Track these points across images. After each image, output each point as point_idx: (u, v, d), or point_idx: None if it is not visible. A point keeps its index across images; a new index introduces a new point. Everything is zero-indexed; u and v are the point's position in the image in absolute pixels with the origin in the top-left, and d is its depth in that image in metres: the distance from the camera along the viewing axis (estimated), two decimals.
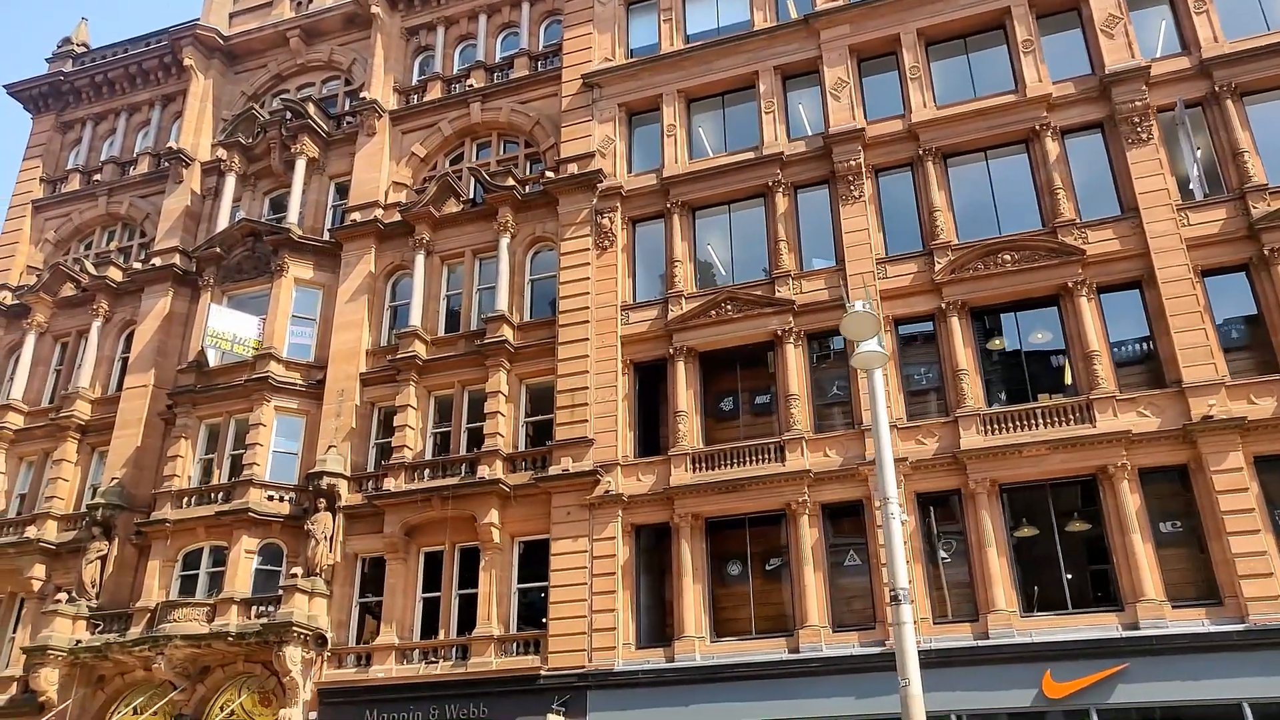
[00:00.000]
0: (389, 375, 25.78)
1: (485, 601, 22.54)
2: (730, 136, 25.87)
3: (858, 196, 23.33)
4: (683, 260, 24.49)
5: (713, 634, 21.04)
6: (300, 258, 27.89)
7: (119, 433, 27.84)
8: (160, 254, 30.05)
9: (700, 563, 21.53)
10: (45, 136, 34.46)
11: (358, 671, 22.87)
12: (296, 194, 29.09)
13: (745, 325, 23.14)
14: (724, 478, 21.67)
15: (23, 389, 29.80)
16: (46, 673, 24.10)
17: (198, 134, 31.89)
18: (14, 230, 32.99)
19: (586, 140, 26.53)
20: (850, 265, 22.74)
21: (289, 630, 22.47)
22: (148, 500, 26.87)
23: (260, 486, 25.04)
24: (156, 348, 28.79)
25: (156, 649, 23.36)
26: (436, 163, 29.13)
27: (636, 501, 22.35)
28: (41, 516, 27.23)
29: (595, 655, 21.11)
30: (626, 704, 20.48)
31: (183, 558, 25.41)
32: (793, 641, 20.15)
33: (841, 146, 23.70)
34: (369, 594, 24.31)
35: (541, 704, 20.98)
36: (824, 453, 21.46)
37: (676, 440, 22.55)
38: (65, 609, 24.72)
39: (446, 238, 27.11)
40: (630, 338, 24.11)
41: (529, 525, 23.19)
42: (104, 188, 32.65)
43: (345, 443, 25.33)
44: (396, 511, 23.71)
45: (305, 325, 27.66)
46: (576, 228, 25.48)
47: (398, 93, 30.01)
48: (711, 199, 25.00)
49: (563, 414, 23.58)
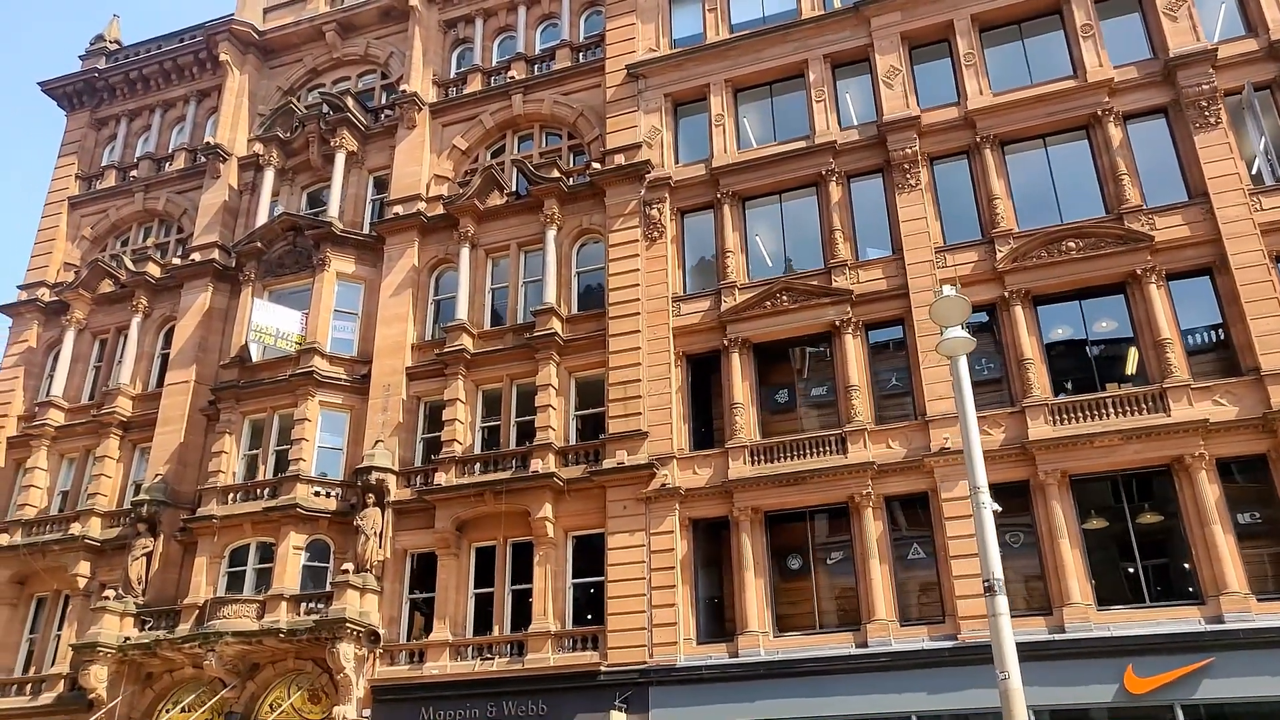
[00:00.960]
0: (435, 369, 25.51)
1: (540, 597, 22.24)
2: (779, 126, 25.54)
3: (914, 185, 22.98)
4: (734, 251, 24.18)
5: (775, 629, 20.71)
6: (342, 252, 27.64)
7: (161, 429, 27.63)
8: (199, 249, 29.83)
9: (761, 557, 21.21)
10: (80, 134, 34.27)
11: (411, 668, 22.59)
12: (337, 188, 28.83)
13: (802, 316, 22.81)
14: (784, 470, 21.35)
15: (63, 386, 29.61)
16: (96, 670, 23.88)
17: (234, 129, 31.67)
18: (51, 227, 32.79)
19: (632, 131, 26.22)
20: (909, 254, 22.41)
21: (342, 627, 22.20)
22: (191, 497, 26.67)
23: (307, 482, 24.79)
24: (197, 343, 28.57)
25: (207, 646, 23.11)
26: (478, 155, 28.86)
27: (694, 495, 22.04)
28: (85, 513, 27.01)
29: (656, 651, 20.80)
30: (689, 700, 20.16)
31: (229, 554, 25.17)
32: (859, 636, 19.82)
33: (896, 135, 23.36)
34: (418, 590, 24.05)
35: (601, 700, 20.68)
36: (887, 444, 21.13)
37: (734, 432, 22.23)
38: (113, 606, 24.50)
39: (491, 230, 26.83)
40: (682, 329, 23.79)
41: (582, 520, 22.89)
42: (140, 184, 32.43)
43: (392, 438, 25.06)
44: (448, 506, 23.43)
45: (347, 320, 27.40)
46: (625, 219, 25.18)
47: (437, 85, 29.75)
48: (762, 189, 24.67)
49: (615, 407, 23.28)
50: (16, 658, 26.82)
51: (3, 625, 26.89)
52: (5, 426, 29.82)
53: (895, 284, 22.39)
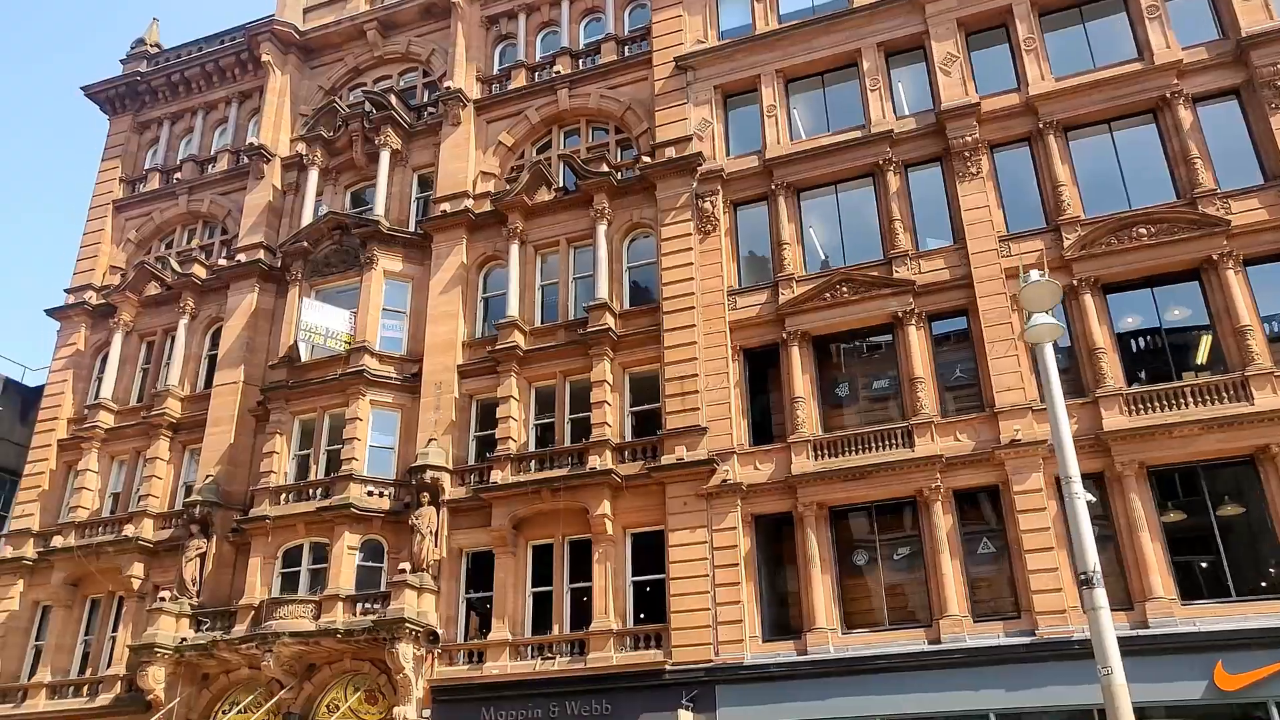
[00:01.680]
0: (487, 367, 25.29)
1: (601, 595, 21.96)
2: (832, 116, 25.15)
3: (975, 173, 22.55)
4: (791, 243, 23.83)
5: (842, 626, 20.33)
6: (389, 250, 27.48)
7: (211, 430, 27.57)
8: (245, 250, 29.77)
9: (827, 552, 20.84)
10: (123, 137, 34.33)
11: (470, 668, 22.36)
12: (382, 186, 28.69)
13: (863, 307, 22.43)
14: (849, 465, 20.97)
15: (112, 388, 29.62)
16: (153, 671, 23.81)
17: (276, 129, 31.62)
18: (96, 231, 32.87)
19: (682, 124, 25.92)
20: (972, 244, 21.99)
21: (401, 627, 22.00)
22: (242, 497, 26.60)
23: (360, 482, 24.62)
24: (245, 344, 28.50)
25: (264, 646, 22.96)
26: (523, 151, 28.64)
27: (756, 490, 21.70)
28: (138, 515, 26.98)
29: (721, 649, 20.47)
30: (757, 698, 19.82)
31: (283, 554, 25.05)
32: (931, 632, 19.41)
33: (955, 122, 22.94)
34: (473, 589, 23.82)
35: (666, 699, 20.36)
36: (954, 437, 20.71)
37: (795, 427, 21.87)
38: (169, 607, 24.42)
39: (540, 226, 26.59)
40: (739, 323, 23.46)
41: (641, 516, 22.59)
42: (184, 186, 32.44)
43: (445, 436, 24.86)
44: (504, 504, 23.20)
45: (395, 318, 27.24)
46: (677, 212, 24.87)
47: (480, 82, 29.55)
48: (817, 180, 24.30)
49: (672, 402, 22.97)
50: (72, 659, 26.82)
51: (58, 627, 26.90)
52: (55, 429, 29.89)
53: (958, 274, 21.97)
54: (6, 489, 31.92)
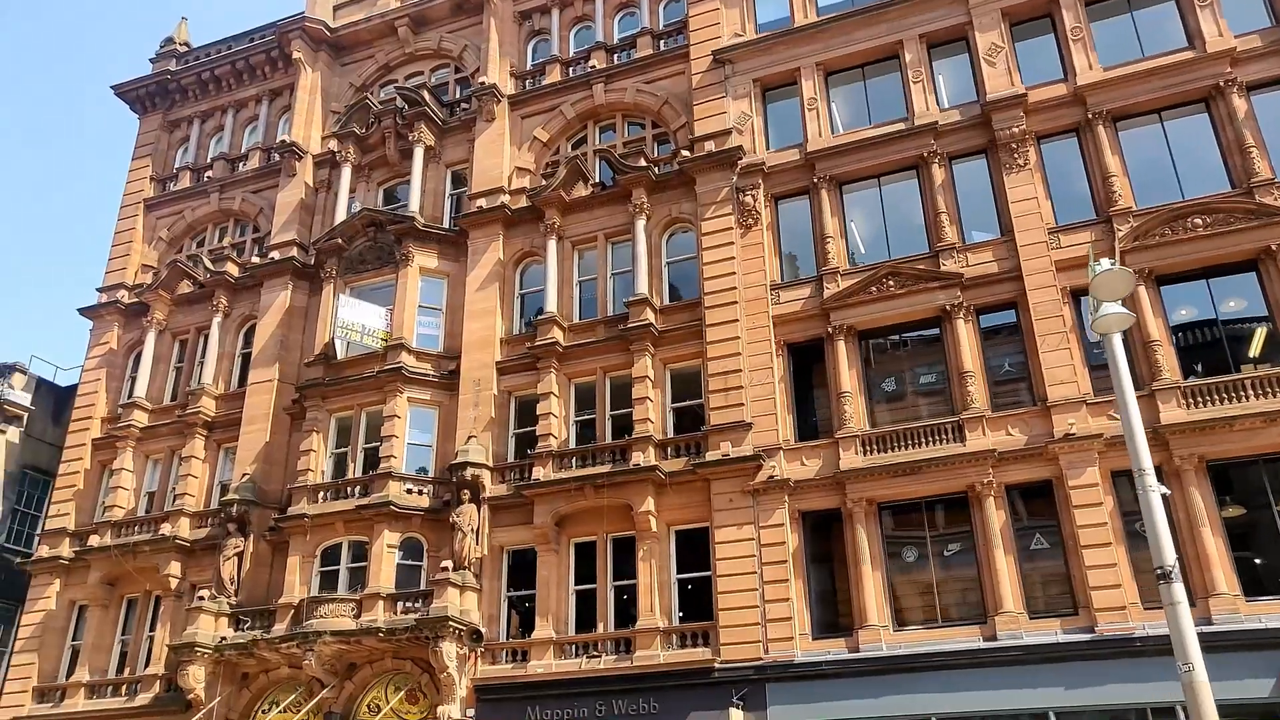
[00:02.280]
0: (526, 364, 25.10)
1: (646, 593, 21.74)
2: (873, 109, 24.87)
3: (1022, 165, 22.26)
4: (834, 236, 23.57)
5: (894, 623, 20.07)
6: (424, 246, 27.32)
7: (246, 428, 27.45)
8: (278, 248, 29.65)
9: (877, 549, 20.57)
10: (153, 136, 34.27)
11: (514, 667, 22.17)
12: (416, 182, 28.54)
13: (910, 301, 22.16)
14: (899, 460, 20.71)
15: (145, 387, 29.54)
16: (194, 670, 23.68)
17: (308, 127, 31.49)
18: (127, 230, 32.81)
19: (721, 118, 25.68)
20: (1020, 236, 21.70)
21: (445, 625, 21.81)
22: (278, 496, 26.48)
23: (399, 479, 24.46)
24: (279, 342, 28.38)
25: (306, 645, 22.81)
26: (559, 147, 28.45)
27: (803, 487, 21.45)
28: (174, 514, 26.88)
29: (771, 646, 20.23)
30: (808, 697, 19.57)
31: (321, 553, 24.89)
32: (987, 629, 19.13)
33: (1002, 114, 22.64)
34: (514, 588, 23.63)
35: (714, 698, 20.13)
36: (1006, 431, 20.43)
37: (843, 422, 21.61)
38: (208, 606, 24.30)
39: (577, 222, 26.39)
40: (783, 318, 23.20)
41: (685, 513, 22.37)
42: (215, 184, 32.35)
43: (485, 433, 24.68)
44: (547, 501, 22.99)
45: (431, 315, 27.08)
46: (717, 207, 24.63)
47: (514, 77, 29.36)
48: (860, 173, 24.04)
49: (716, 398, 22.73)
50: (110, 659, 26.73)
51: (95, 626, 26.81)
52: (89, 429, 29.82)
53: (1007, 266, 21.68)
54: (40, 489, 31.86)
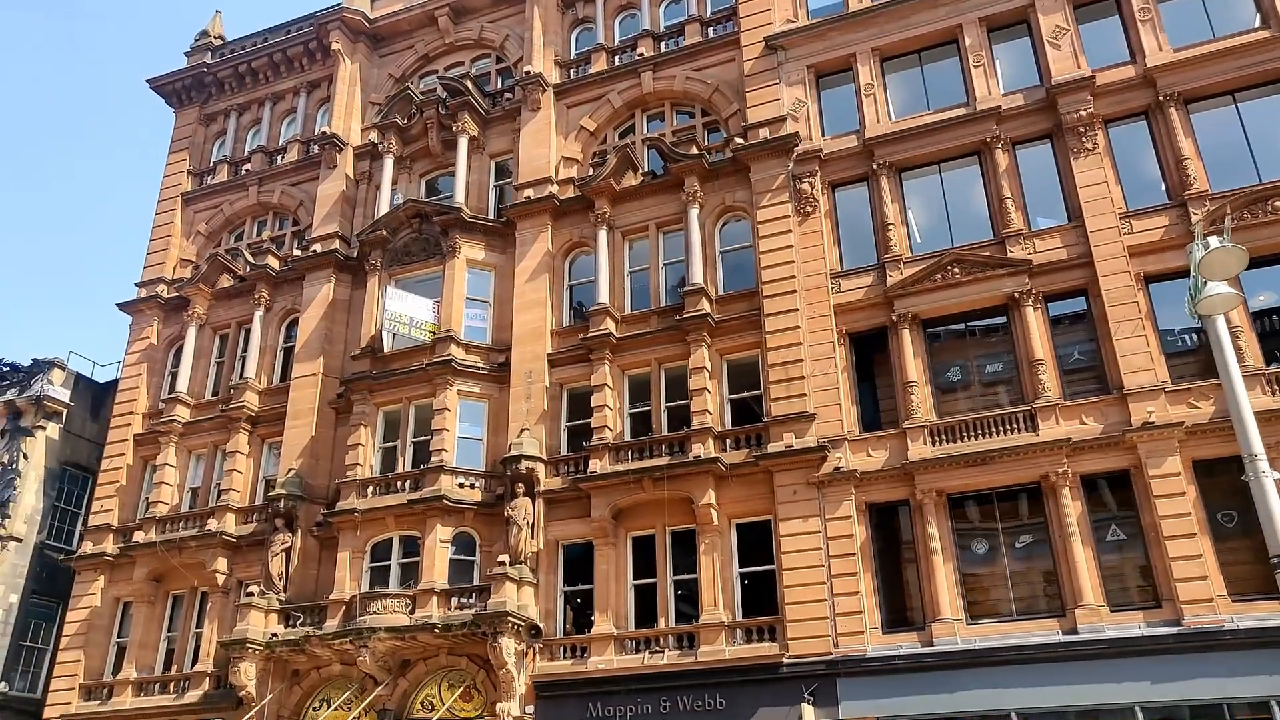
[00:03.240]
0: (578, 355, 24.71)
1: (709, 587, 21.32)
2: (932, 94, 24.42)
3: (1090, 149, 21.79)
4: (895, 223, 23.13)
5: (966, 616, 19.61)
6: (471, 238, 26.94)
7: (291, 423, 27.11)
8: (320, 240, 29.32)
9: (948, 541, 20.13)
10: (189, 129, 33.99)
11: (574, 663, 21.77)
12: (461, 173, 28.17)
13: (976, 288, 21.71)
14: (969, 450, 20.26)
15: (187, 382, 29.23)
16: (245, 667, 23.35)
17: (347, 119, 31.14)
18: (165, 224, 32.54)
19: (775, 104, 25.26)
20: (1090, 221, 21.23)
21: (504, 621, 21.42)
22: (324, 491, 26.15)
23: (451, 473, 24.08)
24: (322, 335, 28.04)
25: (359, 642, 22.43)
26: (606, 136, 28.05)
27: (869, 478, 21.02)
28: (220, 509, 26.57)
29: (841, 641, 19.79)
30: (881, 692, 19.13)
31: (371, 548, 24.52)
32: (1066, 623, 18.66)
33: (1068, 97, 22.17)
34: (569, 582, 23.23)
35: (783, 694, 19.72)
36: (1080, 420, 19.95)
37: (910, 412, 21.18)
38: (258, 602, 23.97)
39: (627, 211, 25.99)
40: (844, 306, 22.78)
41: (746, 506, 21.95)
42: (254, 177, 32.06)
43: (538, 426, 24.29)
44: (604, 494, 22.59)
45: (479, 307, 26.71)
46: (773, 194, 24.21)
47: (559, 66, 28.98)
48: (920, 159, 23.60)
49: (777, 388, 22.31)
50: (157, 656, 26.42)
51: (142, 623, 26.51)
52: (131, 424, 29.54)
53: (1076, 253, 21.22)
54: (79, 486, 31.57)
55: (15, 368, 31.68)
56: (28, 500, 29.83)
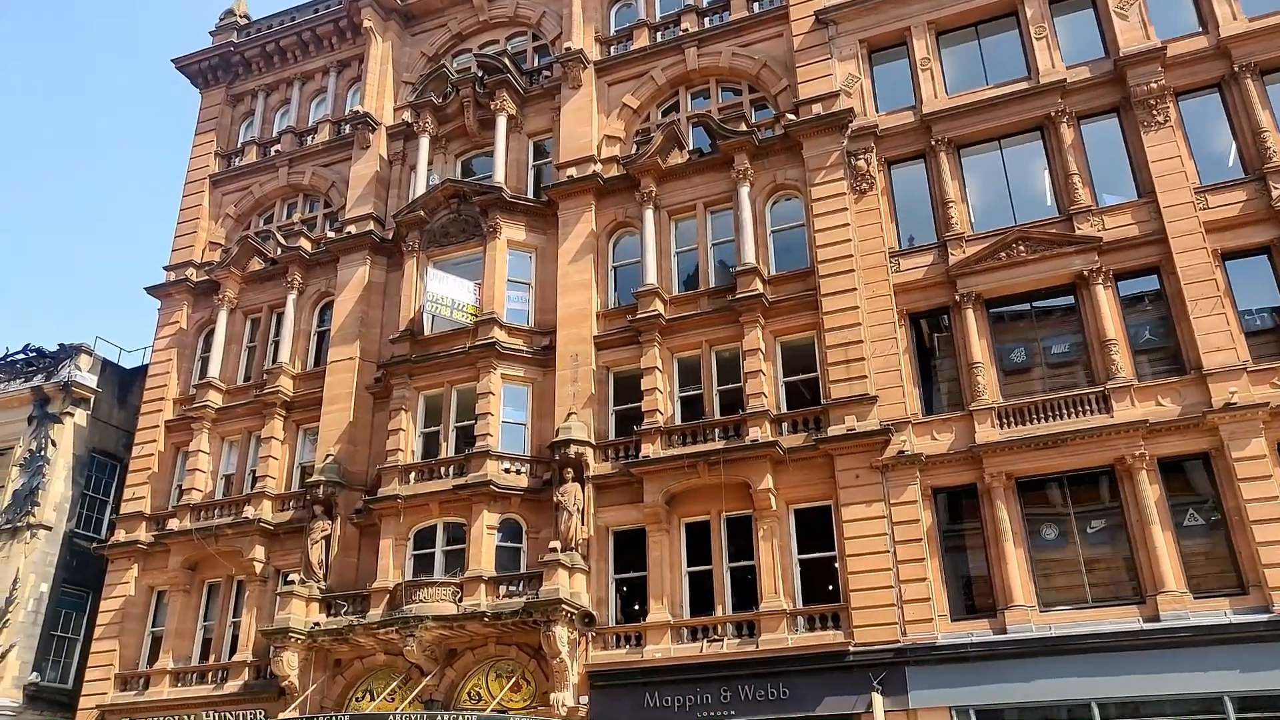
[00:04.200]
0: (626, 338, 24.06)
1: (769, 574, 20.71)
2: (990, 68, 23.73)
3: (1162, 122, 21.10)
4: (956, 200, 22.47)
5: (1039, 603, 19.00)
6: (512, 218, 26.28)
7: (328, 408, 26.49)
8: (354, 222, 28.66)
9: (1019, 526, 19.51)
10: (216, 110, 33.31)
11: (629, 652, 21.17)
12: (500, 152, 27.48)
13: (1042, 267, 21.06)
14: (1040, 433, 19.63)
15: (219, 367, 28.61)
16: (287, 656, 22.77)
17: (380, 98, 30.43)
18: (193, 207, 31.87)
19: (827, 80, 24.56)
20: (1163, 197, 20.55)
21: (558, 609, 20.82)
22: (362, 477, 25.56)
23: (497, 458, 23.46)
24: (358, 319, 27.39)
25: (406, 631, 21.84)
26: (648, 114, 27.34)
27: (934, 462, 20.40)
28: (256, 496, 25.98)
29: (909, 629, 19.19)
30: (952, 681, 18.54)
31: (414, 535, 23.92)
32: (1146, 610, 18.04)
33: (1138, 69, 21.48)
34: (620, 570, 22.62)
35: (848, 683, 19.13)
36: (1155, 401, 19.31)
37: (976, 394, 20.55)
38: (299, 590, 23.39)
39: (673, 190, 25.30)
40: (904, 286, 22.13)
41: (805, 491, 21.32)
42: (284, 159, 31.38)
43: (585, 410, 23.65)
44: (657, 479, 21.97)
45: (519, 289, 26.04)
46: (827, 172, 23.52)
47: (599, 43, 28.27)
48: (980, 135, 22.92)
49: (836, 370, 21.66)
50: (193, 645, 25.85)
51: (177, 612, 25.94)
52: (162, 410, 28.94)
53: (1149, 229, 20.54)
54: (107, 473, 30.97)
55: (41, 353, 31.06)
56: (57, 488, 29.23)
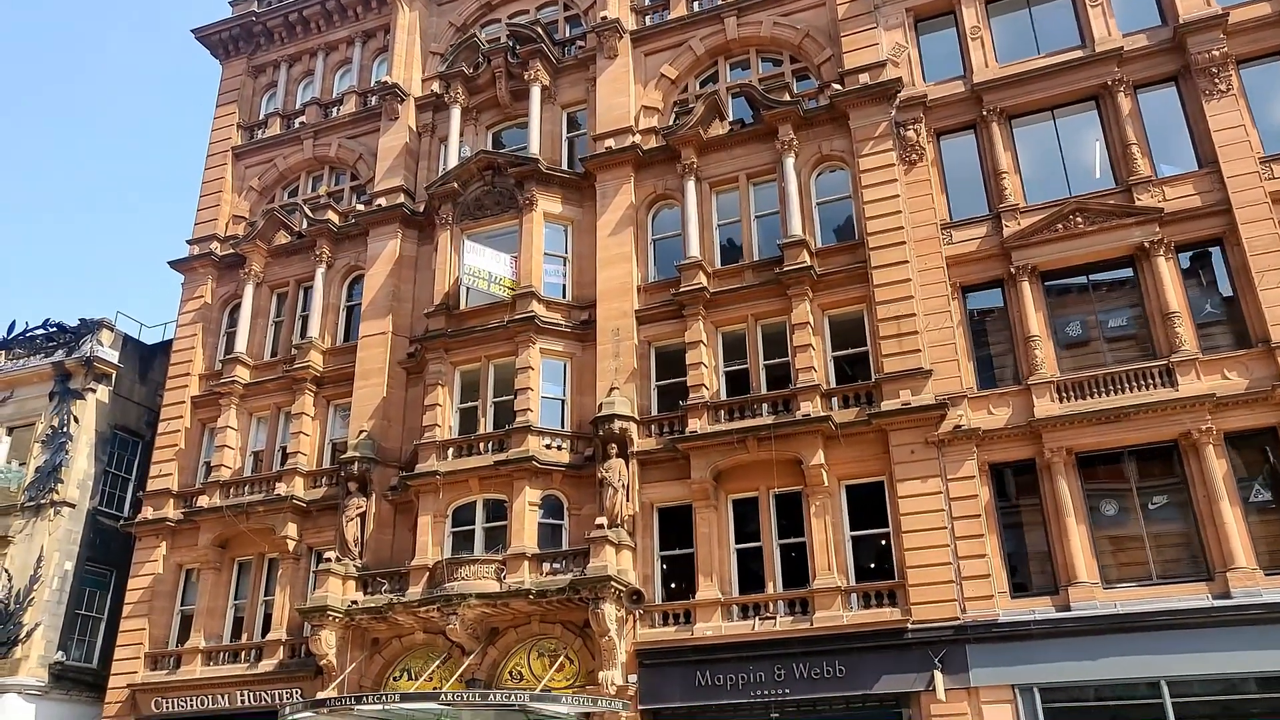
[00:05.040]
0: (668, 311, 23.60)
1: (822, 551, 20.34)
2: (1041, 36, 23.25)
3: (1225, 90, 20.67)
4: (1009, 171, 22.03)
5: (1101, 580, 18.68)
6: (548, 190, 25.74)
7: (360, 383, 26.00)
8: (384, 194, 28.09)
9: (1080, 502, 19.17)
10: (237, 81, 32.63)
11: (678, 630, 20.81)
12: (535, 123, 26.91)
13: (1101, 239, 20.66)
14: (1101, 407, 19.27)
15: (245, 342, 28.07)
16: (325, 635, 22.35)
17: (407, 69, 29.80)
18: (216, 179, 31.24)
19: (873, 49, 24.06)
20: (1227, 167, 20.16)
21: (606, 586, 20.42)
22: (396, 454, 25.10)
23: (538, 434, 23.01)
24: (390, 293, 26.86)
25: (449, 609, 21.43)
26: (686, 85, 26.81)
27: (991, 436, 20.03)
28: (288, 473, 25.50)
29: (968, 606, 18.84)
30: (1015, 659, 18.21)
31: (452, 512, 23.48)
32: (1215, 587, 17.73)
33: (1199, 36, 21.04)
34: (665, 547, 22.23)
35: (906, 661, 18.79)
36: (1221, 375, 18.95)
37: (1034, 368, 20.17)
38: (336, 568, 22.95)
39: (715, 162, 24.78)
40: (956, 258, 21.71)
41: (857, 467, 20.93)
42: (309, 130, 30.74)
43: (628, 384, 23.20)
44: (704, 455, 21.54)
45: (555, 262, 25.54)
46: (875, 142, 23.04)
47: (635, 12, 27.69)
48: (1033, 105, 22.49)
49: (889, 344, 21.24)
50: (224, 624, 25.43)
51: (208, 590, 25.49)
52: (188, 385, 28.42)
53: (1212, 200, 20.15)
54: (129, 450, 30.46)
55: (62, 328, 30.46)
56: (80, 465, 28.71)
